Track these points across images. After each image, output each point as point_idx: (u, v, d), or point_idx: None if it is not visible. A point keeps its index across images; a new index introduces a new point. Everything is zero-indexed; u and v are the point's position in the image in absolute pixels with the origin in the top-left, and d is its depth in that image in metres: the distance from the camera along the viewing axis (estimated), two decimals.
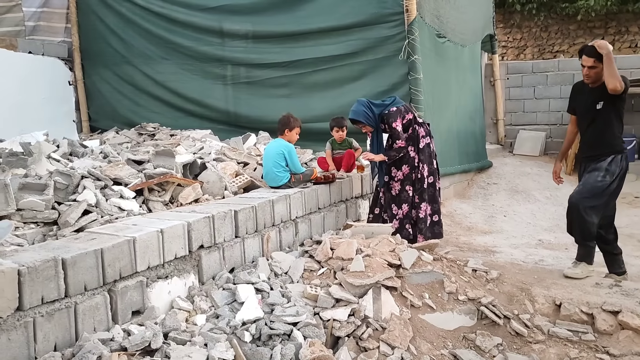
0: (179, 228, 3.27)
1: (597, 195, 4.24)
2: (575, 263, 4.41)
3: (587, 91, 4.33)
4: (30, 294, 2.43)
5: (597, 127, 4.29)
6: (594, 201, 4.24)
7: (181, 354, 2.65)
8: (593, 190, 4.24)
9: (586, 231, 4.33)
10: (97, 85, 8.59)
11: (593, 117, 4.29)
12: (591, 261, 4.40)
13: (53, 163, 4.65)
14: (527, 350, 3.55)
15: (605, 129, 4.25)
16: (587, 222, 4.28)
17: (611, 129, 4.23)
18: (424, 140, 4.91)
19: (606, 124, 4.23)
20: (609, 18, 13.13)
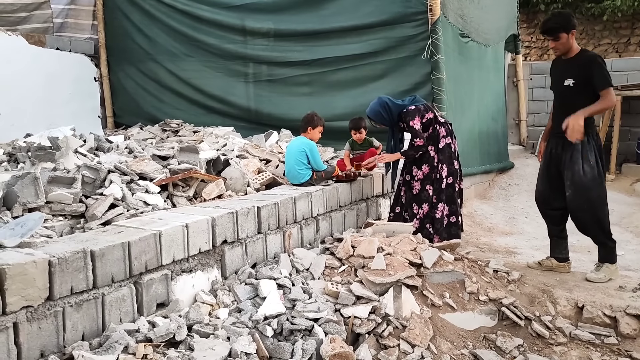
0: (204, 223, 3.32)
1: (587, 189, 4.17)
2: (597, 265, 4.37)
3: (560, 65, 4.31)
4: (60, 284, 2.49)
5: (565, 103, 4.22)
6: (589, 194, 4.18)
7: (205, 347, 2.70)
8: (582, 187, 4.17)
9: (600, 225, 4.27)
10: (122, 82, 8.71)
11: (563, 94, 4.24)
12: (614, 260, 4.34)
13: (80, 157, 4.74)
14: (548, 352, 3.53)
15: (572, 107, 4.12)
16: (606, 221, 4.24)
17: (578, 107, 4.09)
18: (444, 140, 4.90)
19: (574, 103, 4.12)
20: (635, 19, 12.90)
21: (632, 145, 9.09)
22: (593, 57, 4.13)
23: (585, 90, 4.08)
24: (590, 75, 4.04)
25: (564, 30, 4.11)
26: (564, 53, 4.23)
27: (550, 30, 4.18)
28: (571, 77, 4.15)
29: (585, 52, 4.22)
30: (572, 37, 4.15)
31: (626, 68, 9.55)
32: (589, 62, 4.08)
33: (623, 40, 13.22)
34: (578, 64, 4.12)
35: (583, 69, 4.08)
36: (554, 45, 4.21)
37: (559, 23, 4.14)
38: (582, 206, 4.23)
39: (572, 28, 4.12)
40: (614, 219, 6.59)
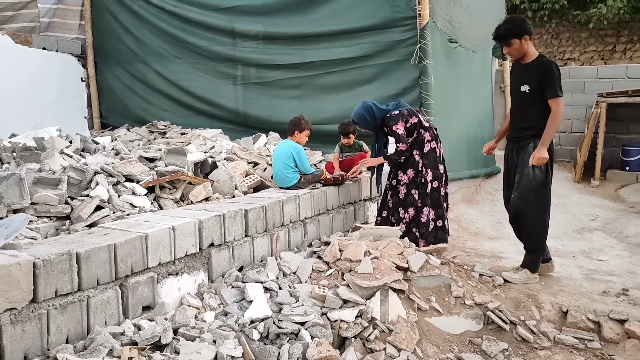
0: (190, 225, 3.31)
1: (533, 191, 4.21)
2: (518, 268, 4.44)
3: (518, 70, 4.35)
4: (44, 287, 2.47)
5: (521, 108, 4.28)
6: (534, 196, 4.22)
7: (190, 350, 2.69)
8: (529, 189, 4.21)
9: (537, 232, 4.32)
10: (109, 83, 8.66)
11: (520, 99, 4.28)
12: (535, 269, 4.40)
13: (66, 158, 4.70)
14: (532, 357, 3.57)
15: (527, 112, 4.21)
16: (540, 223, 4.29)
17: (534, 113, 4.17)
18: (429, 144, 4.93)
19: (530, 108, 4.20)
20: (621, 26, 13.07)
21: (617, 151, 9.20)
22: (547, 64, 4.16)
23: (540, 96, 4.13)
24: (542, 82, 4.09)
25: (515, 36, 4.16)
26: (521, 58, 4.27)
27: (501, 37, 4.24)
28: (527, 82, 4.20)
29: (542, 58, 4.24)
30: (526, 43, 4.19)
31: (611, 75, 9.67)
32: (543, 69, 4.13)
33: (608, 47, 13.39)
34: (533, 70, 4.17)
35: (538, 76, 4.13)
36: (508, 51, 4.26)
37: (510, 29, 4.18)
38: (524, 209, 4.26)
39: (524, 33, 4.16)
40: (599, 224, 6.68)
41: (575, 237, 6.23)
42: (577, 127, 9.89)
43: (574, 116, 9.95)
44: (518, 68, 4.35)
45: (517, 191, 4.27)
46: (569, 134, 9.99)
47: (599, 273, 4.69)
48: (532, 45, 4.28)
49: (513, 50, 4.21)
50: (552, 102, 4.07)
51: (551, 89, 4.06)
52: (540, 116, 4.14)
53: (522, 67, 4.27)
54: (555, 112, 4.06)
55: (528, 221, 4.29)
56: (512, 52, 4.23)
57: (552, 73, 4.08)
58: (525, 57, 4.24)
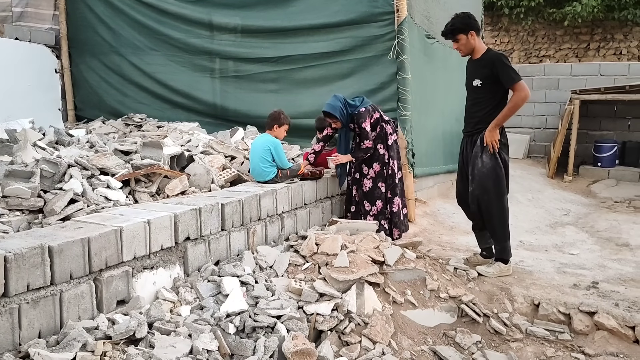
0: (166, 219, 3.29)
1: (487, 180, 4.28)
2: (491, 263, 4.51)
3: (469, 65, 4.44)
4: (16, 281, 2.43)
5: (474, 102, 4.36)
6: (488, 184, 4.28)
7: (165, 344, 2.68)
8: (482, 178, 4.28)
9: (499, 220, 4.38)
10: (84, 74, 8.51)
11: (473, 93, 4.36)
12: (506, 260, 4.48)
13: (39, 151, 4.62)
14: (505, 349, 3.63)
15: (480, 106, 4.30)
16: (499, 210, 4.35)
17: (486, 107, 4.25)
18: (391, 137, 5.09)
19: (482, 101, 4.28)
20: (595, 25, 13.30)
21: (590, 147, 9.39)
22: (495, 56, 4.21)
23: (492, 89, 4.21)
24: (495, 74, 4.14)
25: (462, 32, 4.23)
26: (470, 54, 4.34)
27: (448, 33, 4.31)
28: (478, 77, 4.26)
29: (489, 52, 4.30)
30: (473, 38, 4.24)
31: (585, 73, 9.85)
32: (491, 62, 4.18)
33: (583, 45, 13.61)
34: (483, 64, 4.23)
35: (488, 69, 4.18)
36: (456, 47, 4.33)
37: (456, 25, 4.26)
38: (482, 197, 4.32)
39: (470, 29, 4.22)
40: (571, 219, 6.82)
41: (548, 231, 6.35)
42: (551, 124, 10.06)
43: (549, 112, 10.12)
44: (469, 64, 4.43)
45: (474, 182, 4.34)
46: (543, 130, 10.15)
47: (570, 267, 4.79)
48: (480, 40, 4.33)
49: (461, 45, 4.28)
50: (514, 88, 4.10)
51: (508, 78, 4.10)
52: (492, 110, 4.22)
53: (473, 63, 4.35)
54: (518, 94, 4.08)
55: (490, 208, 4.33)
56: (460, 47, 4.30)
57: (501, 62, 4.13)
58: (474, 52, 4.30)
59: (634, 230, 6.04)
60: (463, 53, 4.35)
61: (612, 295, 4.01)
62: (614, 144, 9.08)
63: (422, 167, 6.50)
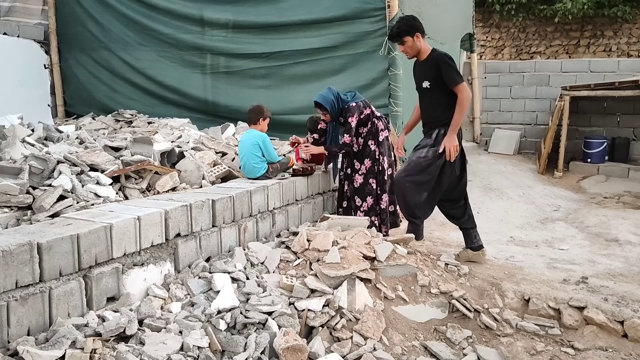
0: (156, 216, 3.27)
1: (421, 171, 4.39)
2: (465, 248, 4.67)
3: (416, 67, 4.53)
4: (4, 278, 2.42)
5: (427, 103, 4.47)
6: (419, 177, 4.40)
7: (156, 341, 2.67)
8: (416, 167, 4.41)
9: (410, 208, 4.53)
10: (74, 70, 8.44)
11: (424, 94, 4.46)
12: (419, 237, 4.61)
13: (28, 147, 4.58)
14: (495, 343, 3.65)
15: (433, 106, 4.41)
16: (411, 199, 4.47)
17: (440, 106, 4.35)
18: (382, 133, 5.09)
19: (434, 102, 4.39)
20: (585, 21, 13.37)
21: (580, 143, 9.43)
22: (439, 57, 4.30)
23: (441, 89, 4.29)
24: (439, 75, 4.23)
25: (407, 34, 4.29)
26: (416, 55, 4.41)
27: (394, 36, 4.37)
28: (427, 78, 4.35)
29: (434, 52, 4.37)
30: (418, 40, 4.32)
31: (575, 69, 9.88)
32: (436, 62, 4.27)
33: (573, 42, 13.69)
34: (429, 65, 4.31)
35: (434, 70, 4.27)
36: (403, 49, 4.40)
37: (401, 28, 4.31)
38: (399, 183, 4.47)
39: (415, 31, 4.29)
40: (561, 214, 6.85)
41: (538, 227, 6.38)
42: (542, 120, 10.10)
43: (539, 109, 10.16)
44: (416, 66, 4.51)
45: (407, 165, 4.48)
46: (534, 127, 10.19)
47: (560, 262, 4.82)
48: (425, 42, 4.40)
49: (407, 48, 4.34)
50: (456, 90, 4.21)
51: (450, 79, 4.20)
52: (445, 109, 4.31)
53: (420, 65, 4.42)
54: (461, 98, 4.21)
55: (402, 193, 4.48)
56: (406, 50, 4.36)
57: (445, 63, 4.22)
58: (420, 54, 4.38)
59: (623, 225, 6.08)
60: (409, 55, 4.42)
61: (601, 290, 4.04)
62: (604, 140, 9.14)
63: None
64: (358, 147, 5.08)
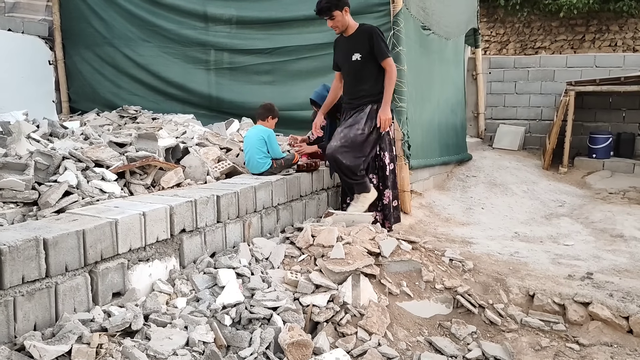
0: (162, 211, 3.28)
1: (356, 147, 4.45)
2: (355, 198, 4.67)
3: (343, 42, 4.53)
4: (11, 273, 2.43)
5: (356, 76, 4.47)
6: (355, 152, 4.45)
7: (161, 336, 2.68)
8: (353, 143, 4.45)
9: (352, 170, 4.52)
10: (78, 66, 8.45)
11: (353, 67, 4.46)
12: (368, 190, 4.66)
13: (33, 143, 4.59)
14: (500, 339, 3.65)
15: (363, 79, 4.43)
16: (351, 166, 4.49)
17: (370, 79, 4.38)
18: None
19: (364, 74, 4.40)
20: (590, 16, 13.28)
21: (585, 139, 9.40)
22: (371, 29, 4.36)
23: (371, 61, 4.34)
24: (372, 47, 4.28)
25: (337, 8, 4.30)
26: (344, 30, 4.43)
27: (323, 10, 4.35)
28: (358, 51, 4.37)
29: (363, 25, 4.41)
30: (347, 14, 4.34)
31: (580, 64, 9.84)
32: (369, 34, 4.31)
33: (578, 37, 13.60)
34: (361, 38, 4.35)
35: (366, 42, 4.30)
36: (332, 24, 4.39)
37: (331, 2, 4.31)
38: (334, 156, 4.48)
39: (344, 5, 4.31)
40: (566, 210, 6.84)
41: (543, 222, 6.37)
42: (547, 115, 10.07)
43: (544, 104, 10.12)
44: (342, 41, 4.52)
45: (342, 140, 4.46)
46: (539, 122, 10.16)
47: (565, 258, 4.81)
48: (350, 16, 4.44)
49: (337, 22, 4.35)
50: (385, 64, 4.29)
51: (381, 52, 4.27)
52: (374, 83, 4.38)
53: (348, 39, 4.44)
54: (390, 72, 4.30)
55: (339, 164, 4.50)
56: (336, 24, 4.37)
57: (377, 35, 4.30)
58: (348, 29, 4.41)
59: (628, 221, 6.06)
60: (338, 30, 4.42)
61: (606, 285, 4.03)
62: (609, 135, 9.10)
63: (418, 158, 6.50)
64: None
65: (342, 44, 4.50)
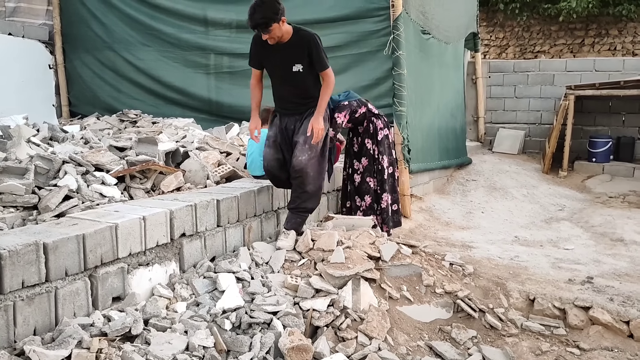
0: (161, 216, 3.27)
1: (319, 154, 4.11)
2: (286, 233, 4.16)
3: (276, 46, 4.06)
4: (10, 278, 2.42)
5: (300, 87, 4.13)
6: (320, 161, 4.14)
7: (161, 340, 2.68)
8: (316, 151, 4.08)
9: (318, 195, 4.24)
10: (78, 70, 8.46)
11: (293, 78, 4.09)
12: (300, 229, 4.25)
13: (33, 147, 4.60)
14: (500, 343, 3.64)
15: (308, 88, 4.12)
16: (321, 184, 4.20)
17: (316, 86, 4.11)
18: (382, 132, 5.05)
19: (309, 83, 4.11)
20: (589, 20, 13.32)
21: (584, 143, 9.40)
22: (311, 37, 3.99)
23: (312, 71, 4.05)
24: (310, 57, 3.97)
25: (274, 21, 3.83)
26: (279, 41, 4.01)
27: (260, 25, 3.86)
28: (298, 62, 4.01)
29: (300, 31, 4.04)
30: (284, 24, 3.92)
31: (579, 68, 9.86)
32: (307, 44, 3.96)
33: (577, 41, 13.64)
34: (300, 47, 3.99)
35: (306, 52, 3.97)
36: (268, 37, 3.92)
37: (268, 15, 3.83)
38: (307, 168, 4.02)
39: (281, 16, 3.86)
40: (566, 214, 6.83)
41: (543, 226, 6.36)
42: (546, 119, 10.08)
43: (543, 108, 10.13)
44: (276, 46, 4.04)
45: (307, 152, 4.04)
46: (538, 126, 10.17)
47: (565, 262, 4.80)
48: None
49: (274, 35, 3.91)
50: (324, 75, 4.02)
51: (320, 63, 3.97)
52: (315, 91, 4.09)
53: (282, 46, 4.02)
54: (327, 82, 4.02)
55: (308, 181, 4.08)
56: (273, 36, 3.92)
57: (317, 44, 3.97)
58: (283, 36, 3.98)
59: (628, 225, 6.06)
60: (275, 41, 3.98)
61: (606, 290, 4.02)
62: (609, 139, 9.11)
63: (418, 162, 6.50)
64: (358, 146, 5.09)
65: (274, 48, 4.06)
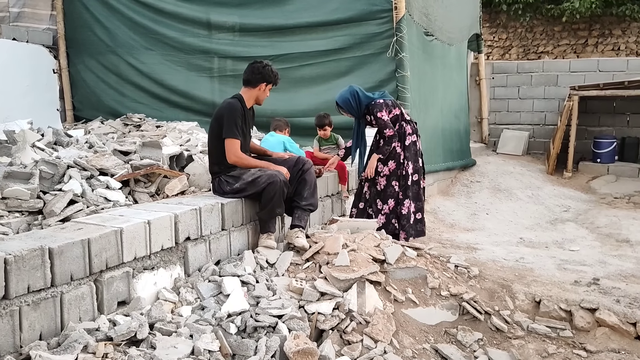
0: (166, 220, 3.27)
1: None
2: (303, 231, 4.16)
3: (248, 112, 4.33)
4: (16, 283, 2.42)
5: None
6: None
7: (167, 345, 2.67)
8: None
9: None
10: (82, 74, 8.50)
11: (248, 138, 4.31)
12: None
13: (38, 152, 4.61)
14: (506, 346, 3.63)
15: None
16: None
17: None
18: (410, 137, 4.98)
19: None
20: (593, 20, 13.29)
21: (589, 144, 9.38)
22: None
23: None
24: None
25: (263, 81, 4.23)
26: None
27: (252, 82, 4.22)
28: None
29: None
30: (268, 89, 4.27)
31: (583, 69, 9.84)
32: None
33: (581, 41, 13.62)
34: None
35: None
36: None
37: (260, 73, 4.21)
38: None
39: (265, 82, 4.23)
40: (571, 215, 6.81)
41: (548, 228, 6.35)
42: (550, 120, 10.06)
43: (547, 109, 10.12)
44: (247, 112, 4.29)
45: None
46: (543, 127, 10.15)
47: (570, 263, 4.79)
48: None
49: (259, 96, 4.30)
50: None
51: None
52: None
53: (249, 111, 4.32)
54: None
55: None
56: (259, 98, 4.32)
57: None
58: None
59: (634, 226, 6.04)
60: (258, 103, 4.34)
61: (613, 291, 4.01)
62: (613, 139, 9.09)
63: None
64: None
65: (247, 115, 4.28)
